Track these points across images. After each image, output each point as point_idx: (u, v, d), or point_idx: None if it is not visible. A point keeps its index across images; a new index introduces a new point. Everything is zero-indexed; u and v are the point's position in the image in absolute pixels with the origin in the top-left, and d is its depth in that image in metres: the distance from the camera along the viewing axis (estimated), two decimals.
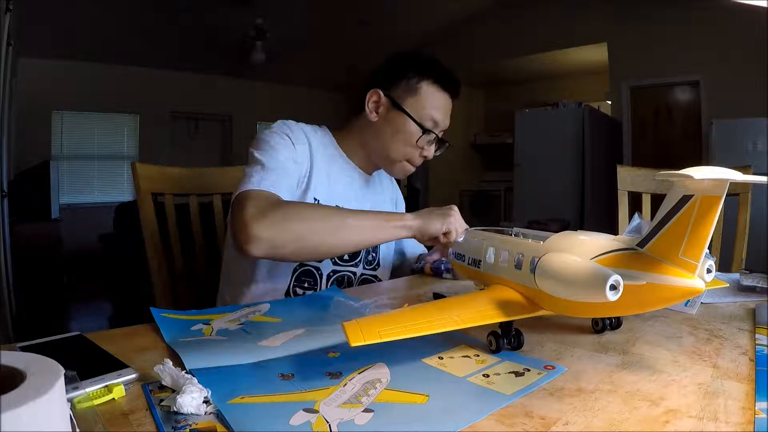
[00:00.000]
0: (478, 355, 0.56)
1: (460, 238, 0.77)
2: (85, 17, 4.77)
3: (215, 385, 0.47)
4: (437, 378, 0.50)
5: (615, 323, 0.65)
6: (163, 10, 4.89)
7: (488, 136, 7.28)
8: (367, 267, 1.16)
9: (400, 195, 1.34)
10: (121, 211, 4.36)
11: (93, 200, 5.98)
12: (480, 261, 0.67)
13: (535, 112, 5.74)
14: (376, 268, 1.18)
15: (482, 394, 0.47)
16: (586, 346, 0.60)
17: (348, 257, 1.11)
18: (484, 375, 0.51)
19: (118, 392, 0.46)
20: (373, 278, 1.17)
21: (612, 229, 0.59)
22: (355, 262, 1.13)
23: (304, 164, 1.04)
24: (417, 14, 5.59)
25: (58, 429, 0.29)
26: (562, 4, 5.19)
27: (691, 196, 0.44)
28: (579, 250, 0.52)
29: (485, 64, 6.25)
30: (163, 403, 0.44)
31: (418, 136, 1.05)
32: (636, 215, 0.63)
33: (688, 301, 0.63)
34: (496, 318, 0.55)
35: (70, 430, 0.32)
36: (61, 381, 0.29)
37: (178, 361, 0.54)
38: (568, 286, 0.50)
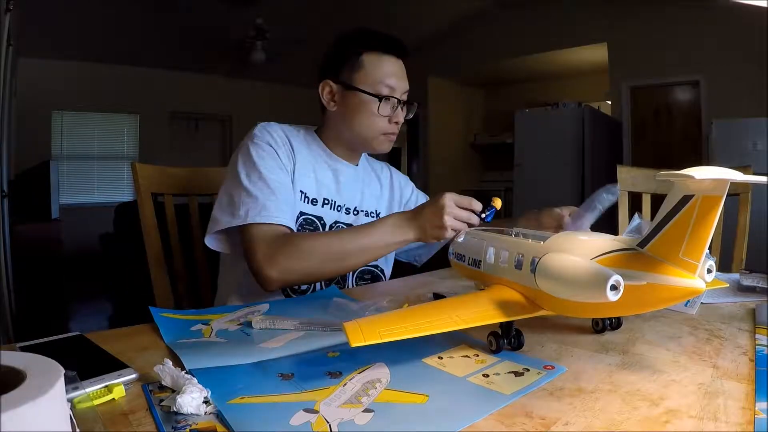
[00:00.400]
0: (477, 355, 0.56)
1: (460, 239, 0.77)
2: (85, 17, 4.77)
3: (215, 385, 0.47)
4: (437, 378, 0.50)
5: (615, 323, 0.65)
6: (163, 10, 4.89)
7: (488, 136, 7.28)
8: None
9: (403, 179, 1.32)
10: (121, 211, 4.36)
11: (93, 200, 5.99)
12: (480, 261, 0.67)
13: (535, 112, 5.74)
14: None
15: (482, 394, 0.47)
16: (586, 346, 0.60)
17: None
18: (483, 375, 0.51)
19: (118, 392, 0.46)
20: (374, 267, 1.17)
21: (612, 229, 0.58)
22: None
23: (289, 165, 1.07)
24: (417, 14, 5.59)
25: (58, 429, 0.29)
26: (562, 4, 5.19)
27: (692, 196, 0.44)
28: (579, 251, 0.52)
29: (485, 64, 6.25)
30: (163, 403, 0.44)
31: (377, 106, 1.06)
32: (636, 215, 0.62)
33: (689, 301, 0.63)
34: (497, 318, 0.55)
35: (70, 430, 0.32)
36: (61, 381, 0.29)
37: (178, 362, 0.54)
38: (568, 287, 0.49)
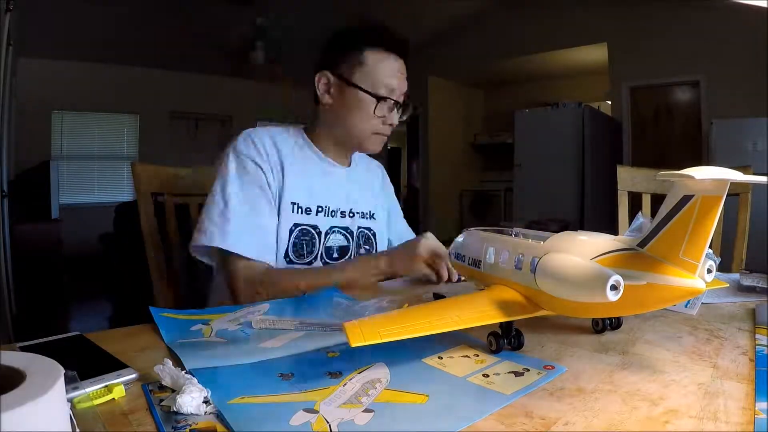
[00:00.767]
0: (477, 355, 0.56)
1: (460, 238, 0.77)
2: (85, 17, 4.77)
3: (215, 385, 0.47)
4: (437, 378, 0.50)
5: (615, 323, 0.65)
6: (163, 10, 4.89)
7: (488, 136, 7.29)
8: None
9: (387, 180, 1.32)
10: (121, 211, 4.36)
11: (93, 200, 5.98)
12: (480, 261, 0.67)
13: (535, 112, 5.75)
14: None
15: (482, 394, 0.47)
16: (586, 346, 0.60)
17: (337, 256, 1.09)
18: (483, 375, 0.51)
19: (118, 392, 0.46)
20: None
21: (612, 229, 0.58)
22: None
23: (276, 176, 1.02)
24: (418, 14, 5.59)
25: (58, 429, 0.29)
26: (562, 4, 5.19)
27: (692, 196, 0.44)
28: (579, 251, 0.52)
29: (485, 64, 6.25)
30: (163, 403, 0.44)
31: (374, 106, 1.03)
32: (639, 214, 0.62)
33: (689, 301, 0.63)
34: (497, 318, 0.55)
35: (70, 430, 0.32)
36: (61, 381, 0.29)
37: (178, 362, 0.54)
38: (568, 287, 0.49)
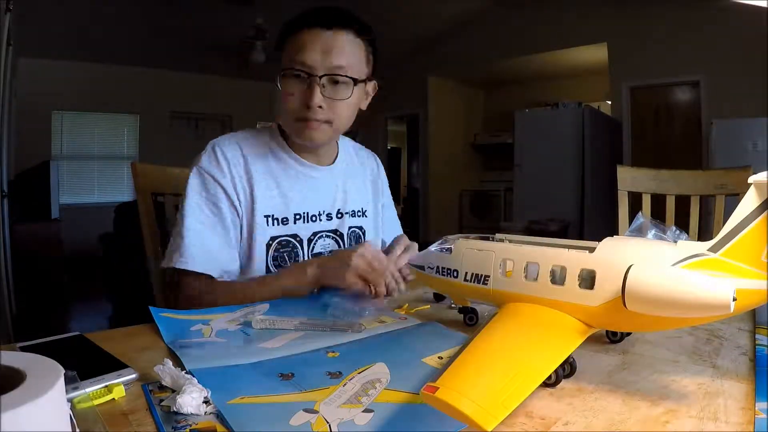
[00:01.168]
0: None
1: (435, 248, 0.70)
2: (85, 17, 4.77)
3: (215, 385, 0.47)
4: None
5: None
6: (163, 11, 4.89)
7: (488, 136, 7.29)
8: None
9: (382, 173, 1.23)
10: (121, 211, 4.36)
11: (93, 200, 5.99)
12: (486, 276, 0.60)
13: (535, 112, 5.75)
14: None
15: None
16: (586, 346, 0.60)
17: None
18: None
19: (118, 392, 0.46)
20: None
21: (612, 229, 0.58)
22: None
23: (243, 191, 0.98)
24: (418, 14, 5.59)
25: (58, 429, 0.29)
26: (562, 4, 5.19)
27: None
28: (651, 259, 0.48)
29: (485, 64, 6.25)
30: (163, 403, 0.44)
31: (280, 83, 0.94)
32: (639, 214, 0.62)
33: None
34: (574, 344, 0.49)
35: (70, 430, 0.32)
36: (61, 381, 0.29)
37: (178, 362, 0.54)
38: (677, 303, 0.44)
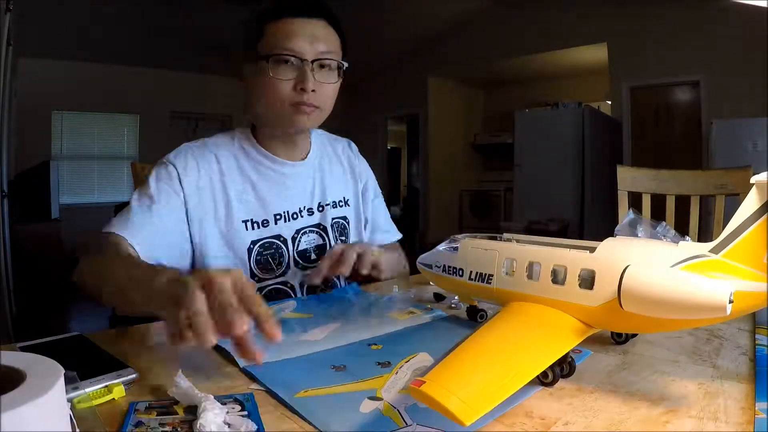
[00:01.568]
0: None
1: (443, 248, 0.69)
2: (85, 17, 4.77)
3: (274, 380, 0.49)
4: None
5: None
6: (163, 11, 4.89)
7: (488, 136, 7.29)
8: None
9: (360, 158, 1.19)
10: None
11: (93, 200, 5.98)
12: (490, 275, 0.61)
13: (535, 112, 5.75)
14: None
15: None
16: (586, 346, 0.60)
17: (315, 257, 1.02)
18: None
19: (118, 392, 0.46)
20: None
21: (612, 229, 0.58)
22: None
23: (219, 198, 0.95)
24: (418, 14, 5.59)
25: (58, 429, 0.29)
26: (562, 4, 5.19)
27: None
28: (651, 260, 0.47)
29: (485, 64, 6.25)
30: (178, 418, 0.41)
31: (271, 70, 0.91)
32: (630, 211, 0.62)
33: None
34: (573, 342, 0.49)
35: (70, 430, 0.32)
36: (61, 381, 0.29)
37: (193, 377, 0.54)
38: (672, 304, 0.43)
